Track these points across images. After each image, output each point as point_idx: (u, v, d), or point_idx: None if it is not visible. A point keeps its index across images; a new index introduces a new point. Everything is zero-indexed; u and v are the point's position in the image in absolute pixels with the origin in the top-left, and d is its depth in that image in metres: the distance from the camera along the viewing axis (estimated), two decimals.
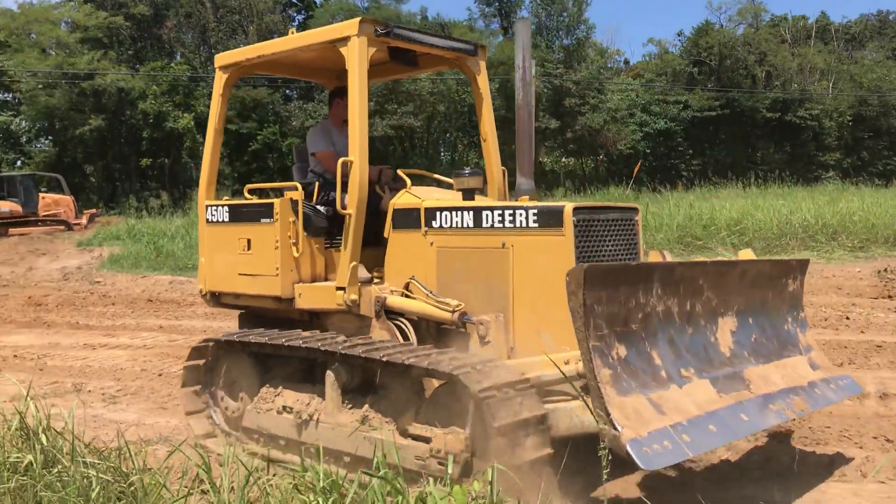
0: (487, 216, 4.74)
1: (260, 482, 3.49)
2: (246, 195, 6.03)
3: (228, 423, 5.41)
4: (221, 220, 5.87)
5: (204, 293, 6.06)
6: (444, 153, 47.11)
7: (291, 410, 4.79)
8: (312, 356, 4.79)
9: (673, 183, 33.53)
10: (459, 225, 4.88)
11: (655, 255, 5.08)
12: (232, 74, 6.11)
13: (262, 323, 5.65)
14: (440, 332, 4.84)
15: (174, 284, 15.29)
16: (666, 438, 3.37)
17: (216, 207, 5.91)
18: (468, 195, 5.12)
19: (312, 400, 4.72)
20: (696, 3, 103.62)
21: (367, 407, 4.44)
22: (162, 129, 38.65)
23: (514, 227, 4.61)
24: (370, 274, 5.18)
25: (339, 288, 5.10)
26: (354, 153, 5.08)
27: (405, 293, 5.00)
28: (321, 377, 4.67)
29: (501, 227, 4.66)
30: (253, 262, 5.57)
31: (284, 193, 5.51)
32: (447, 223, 4.94)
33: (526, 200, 4.91)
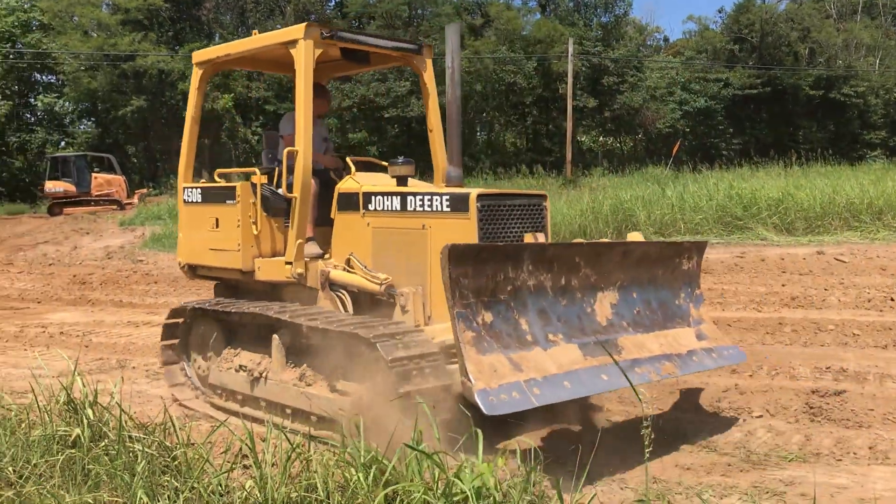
0: (411, 201, 5.33)
1: (302, 457, 3.54)
2: (216, 178, 6.62)
3: (200, 380, 6.28)
4: (195, 200, 6.57)
5: (182, 265, 6.78)
6: (479, 133, 46.90)
7: (246, 369, 5.54)
8: (261, 322, 5.45)
9: (713, 162, 33.07)
10: (389, 208, 5.49)
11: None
12: (207, 70, 6.76)
13: (233, 293, 6.39)
14: (374, 302, 5.40)
15: None
16: (515, 390, 3.92)
17: (191, 189, 6.62)
18: (401, 181, 5.64)
19: (263, 360, 5.47)
20: None
21: (305, 366, 5.16)
22: (202, 109, 39.00)
23: (431, 210, 5.20)
24: (322, 250, 5.83)
25: (287, 262, 5.71)
26: (300, 143, 5.65)
27: (346, 268, 5.61)
28: (269, 341, 5.36)
29: (422, 210, 5.25)
30: (220, 238, 6.26)
31: (250, 178, 6.10)
32: (380, 206, 5.54)
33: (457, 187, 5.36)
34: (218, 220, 6.28)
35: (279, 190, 6.02)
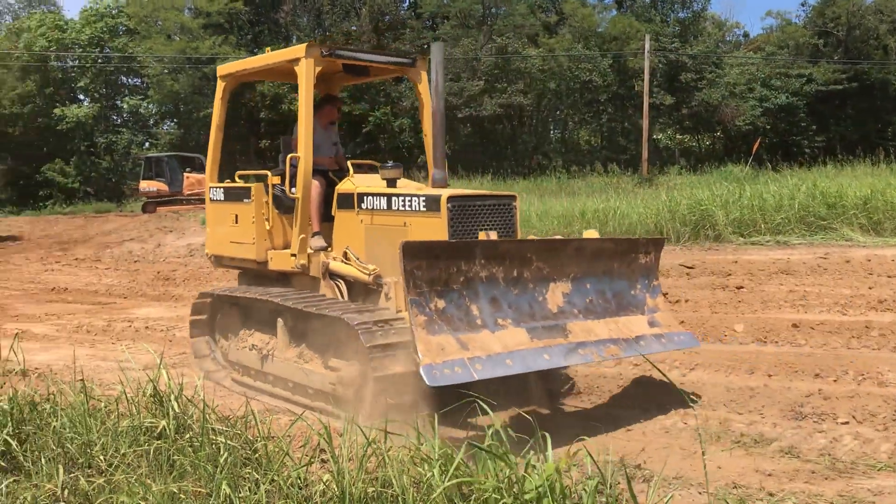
0: (395, 201, 5.96)
1: (377, 452, 3.59)
2: (236, 179, 7.36)
3: (223, 357, 7.07)
4: (219, 199, 7.42)
5: (209, 256, 7.70)
6: (553, 131, 46.55)
7: (257, 348, 6.34)
8: (270, 307, 6.16)
9: (794, 160, 32.05)
10: (378, 207, 6.14)
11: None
12: (229, 82, 7.57)
13: (255, 281, 7.16)
14: (366, 290, 6.04)
15: None
16: (458, 365, 4.46)
17: (216, 189, 7.45)
18: (391, 183, 6.20)
19: (271, 340, 6.22)
20: None
21: (304, 346, 5.90)
22: (278, 110, 39.76)
23: (411, 210, 5.81)
24: (327, 244, 6.53)
25: (292, 254, 6.52)
26: (301, 148, 6.40)
27: (343, 260, 6.25)
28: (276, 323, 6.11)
29: (404, 209, 5.87)
30: (238, 232, 7.07)
31: (265, 179, 6.89)
32: (371, 205, 6.21)
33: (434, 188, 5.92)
34: (237, 216, 7.11)
35: (292, 190, 6.67)
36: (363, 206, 6.28)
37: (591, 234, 5.89)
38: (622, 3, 45.02)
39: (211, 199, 7.53)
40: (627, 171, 33.42)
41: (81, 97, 43.99)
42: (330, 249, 6.53)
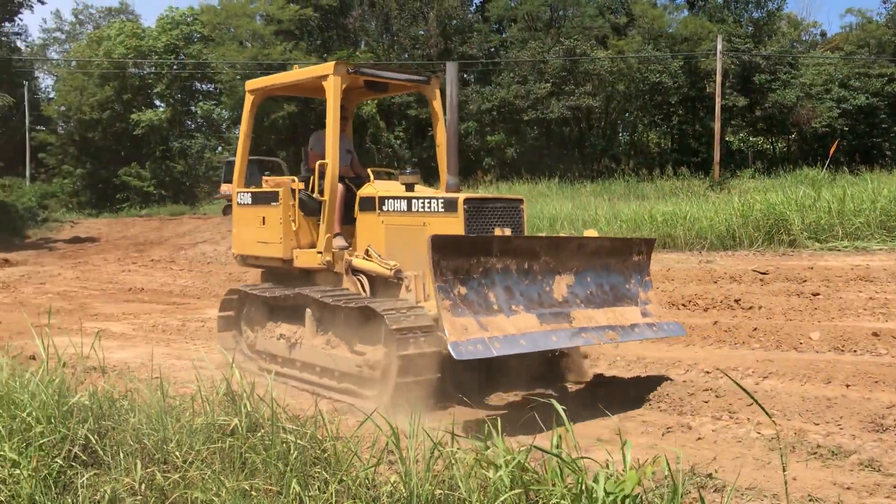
0: (415, 203, 6.61)
1: (444, 455, 3.60)
2: (263, 184, 7.92)
3: (249, 347, 7.66)
4: (247, 202, 7.99)
5: (235, 255, 8.30)
6: (622, 134, 46.00)
7: (285, 337, 7.01)
8: (299, 302, 6.83)
9: (874, 163, 30.97)
10: (399, 209, 6.77)
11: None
12: (257, 96, 8.20)
13: (277, 279, 7.74)
14: (387, 283, 6.60)
15: None
16: (479, 343, 5.09)
17: (243, 194, 8.05)
18: (409, 188, 6.86)
19: (299, 329, 6.87)
20: None
21: (330, 333, 6.49)
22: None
23: (430, 211, 6.44)
24: (347, 243, 7.13)
25: (318, 252, 7.09)
26: (329, 157, 7.06)
27: (365, 257, 6.86)
28: (303, 315, 6.77)
29: (423, 211, 6.51)
30: (266, 233, 7.62)
31: (290, 184, 7.50)
32: (392, 208, 6.83)
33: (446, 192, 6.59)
34: (264, 218, 7.66)
35: (313, 194, 7.32)
36: (384, 208, 6.90)
37: (591, 232, 6.68)
38: (694, 3, 44.22)
39: (238, 203, 8.12)
40: (698, 174, 32.79)
41: (157, 103, 45.35)
42: (350, 248, 7.13)
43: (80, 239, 28.69)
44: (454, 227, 6.14)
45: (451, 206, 6.27)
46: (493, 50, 45.25)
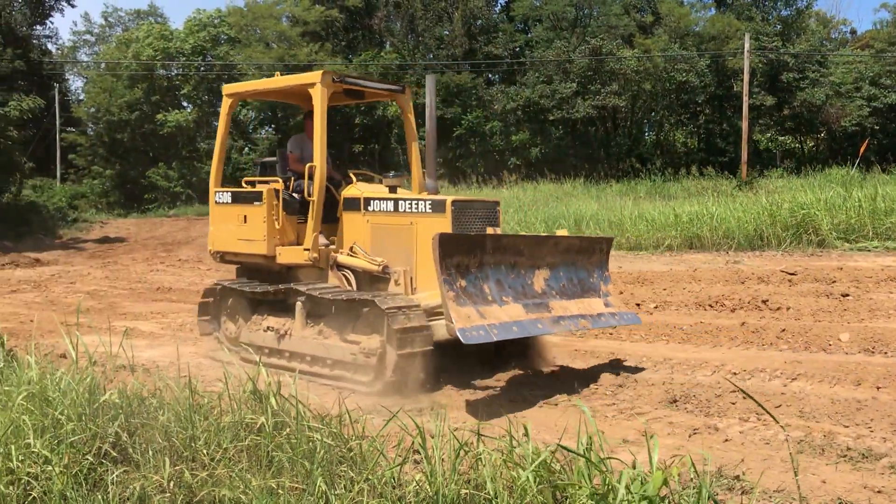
0: (402, 204, 7.09)
1: (470, 454, 3.60)
2: (243, 185, 8.25)
3: (229, 340, 8.05)
4: (226, 201, 8.28)
5: (213, 252, 8.54)
6: (648, 133, 45.69)
7: (273, 329, 7.44)
8: (288, 296, 7.29)
9: None
10: (385, 209, 7.23)
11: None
12: (234, 100, 8.60)
13: (252, 275, 8.15)
14: (371, 279, 7.13)
15: None
16: (481, 330, 5.67)
17: (222, 192, 8.34)
18: (392, 189, 7.40)
19: (287, 321, 7.32)
20: None
21: (322, 324, 6.98)
22: (372, 116, 40.42)
23: (417, 211, 6.93)
24: (329, 240, 7.55)
25: (305, 249, 7.43)
26: (317, 160, 7.37)
27: (350, 254, 7.34)
28: (291, 308, 7.23)
29: (410, 211, 6.98)
30: (248, 231, 7.90)
31: (270, 185, 7.84)
32: (377, 208, 7.29)
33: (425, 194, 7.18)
34: (246, 216, 7.94)
35: (295, 195, 7.80)
36: (370, 208, 7.35)
37: (562, 232, 7.25)
38: (721, 1, 43.83)
39: (216, 202, 8.40)
40: (725, 173, 32.50)
41: (185, 104, 45.76)
42: (331, 246, 7.57)
43: (109, 239, 29.04)
44: (442, 226, 6.59)
45: (439, 207, 6.78)
46: (518, 49, 45.17)
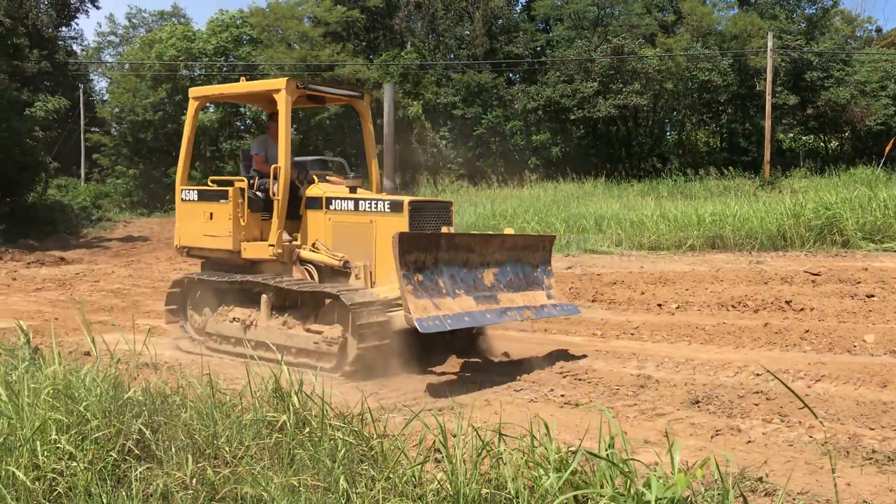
0: (362, 203, 7.65)
1: (492, 454, 3.60)
2: (209, 183, 8.58)
3: (196, 330, 8.42)
4: (192, 199, 8.61)
5: (179, 248, 8.89)
6: (670, 133, 45.44)
7: (239, 320, 7.81)
8: (255, 289, 7.72)
9: None
10: (346, 208, 7.78)
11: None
12: (201, 102, 9.10)
13: (217, 269, 8.45)
14: (333, 273, 7.67)
15: None
16: (436, 320, 6.27)
17: (188, 190, 8.69)
18: (353, 190, 7.90)
19: (252, 312, 7.74)
20: None
21: (287, 315, 7.47)
22: (395, 116, 40.46)
23: (377, 211, 7.50)
24: (291, 237, 7.98)
25: (270, 245, 7.89)
26: (281, 161, 7.81)
27: (313, 249, 7.85)
28: (257, 300, 7.69)
29: (370, 210, 7.56)
30: (214, 227, 8.29)
31: (234, 184, 8.17)
32: (338, 206, 7.83)
33: (384, 194, 7.82)
34: (212, 213, 8.30)
35: (259, 193, 8.22)
36: (331, 207, 7.87)
37: (509, 230, 7.99)
38: (744, 0, 43.48)
39: (183, 199, 8.73)
40: (748, 173, 32.23)
41: (208, 104, 46.03)
42: (295, 242, 8.02)
43: (132, 238, 29.29)
44: (400, 225, 7.13)
45: (397, 207, 7.32)
46: (538, 49, 45.08)
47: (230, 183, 8.28)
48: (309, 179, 8.36)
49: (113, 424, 4.18)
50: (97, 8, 63.37)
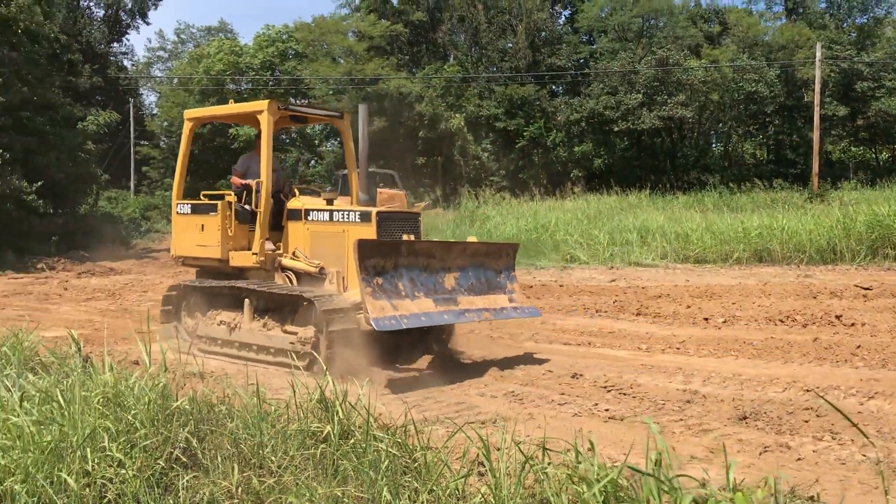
0: (335, 214, 8.30)
1: (535, 469, 3.57)
2: (202, 197, 9.28)
3: (188, 332, 8.88)
4: (186, 212, 9.34)
5: (175, 257, 9.61)
6: (715, 145, 44.90)
7: (225, 322, 8.36)
8: (238, 293, 8.25)
9: None
10: (322, 219, 8.42)
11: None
12: (195, 123, 9.80)
13: (211, 276, 9.05)
14: (310, 279, 8.19)
15: None
16: (392, 319, 6.73)
17: (183, 204, 9.41)
18: (329, 202, 8.51)
19: (237, 316, 8.27)
20: None
21: (267, 318, 8.01)
22: (436, 129, 40.63)
23: (348, 221, 8.12)
24: (274, 246, 8.66)
25: (253, 253, 8.62)
26: (263, 176, 8.57)
27: (292, 257, 8.46)
28: (241, 304, 8.20)
29: (342, 220, 8.19)
30: (205, 238, 9.01)
31: (224, 197, 8.93)
32: (316, 218, 8.48)
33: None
34: (203, 225, 9.03)
35: (246, 206, 8.84)
36: (309, 218, 8.53)
37: (472, 238, 8.64)
38: (793, 10, 42.89)
39: (178, 212, 9.44)
40: (796, 185, 31.67)
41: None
42: (278, 251, 8.62)
43: None
44: (369, 233, 7.72)
45: (366, 217, 7.95)
46: (582, 61, 44.94)
47: (221, 197, 8.99)
48: (292, 193, 8.99)
49: (161, 433, 4.24)
50: (147, 24, 64.74)
